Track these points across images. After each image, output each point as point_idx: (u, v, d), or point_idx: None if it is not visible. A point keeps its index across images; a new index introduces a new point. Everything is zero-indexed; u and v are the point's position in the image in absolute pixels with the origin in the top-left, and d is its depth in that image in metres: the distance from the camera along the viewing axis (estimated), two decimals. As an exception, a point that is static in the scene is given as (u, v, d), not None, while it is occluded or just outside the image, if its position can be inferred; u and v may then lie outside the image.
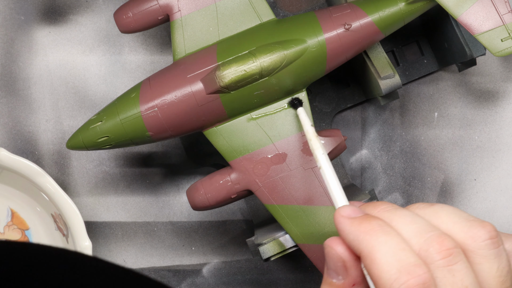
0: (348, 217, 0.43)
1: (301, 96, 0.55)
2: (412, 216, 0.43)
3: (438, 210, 0.44)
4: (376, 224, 0.42)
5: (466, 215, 0.43)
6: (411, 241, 0.42)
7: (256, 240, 0.57)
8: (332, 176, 0.48)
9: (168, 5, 0.55)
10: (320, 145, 0.50)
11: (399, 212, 0.43)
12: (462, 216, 0.43)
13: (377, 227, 0.42)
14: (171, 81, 0.54)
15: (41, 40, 0.64)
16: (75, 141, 0.55)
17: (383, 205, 0.44)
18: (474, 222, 0.43)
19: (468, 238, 0.42)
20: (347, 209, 0.44)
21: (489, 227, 0.42)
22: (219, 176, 0.55)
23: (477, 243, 0.42)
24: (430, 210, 0.44)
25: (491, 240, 0.42)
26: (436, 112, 0.65)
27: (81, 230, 0.59)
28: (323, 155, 0.49)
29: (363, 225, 0.42)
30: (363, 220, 0.43)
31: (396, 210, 0.43)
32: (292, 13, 0.64)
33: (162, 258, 0.65)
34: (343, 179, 0.64)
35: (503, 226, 0.65)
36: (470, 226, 0.42)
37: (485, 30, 0.53)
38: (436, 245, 0.41)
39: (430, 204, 0.44)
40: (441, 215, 0.43)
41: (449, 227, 0.43)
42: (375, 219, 0.43)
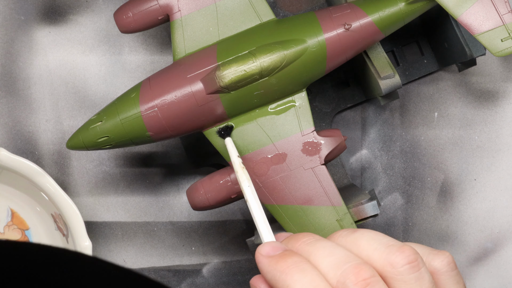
0: (267, 256, 0.44)
1: (301, 96, 0.55)
2: (331, 247, 0.43)
3: (358, 237, 0.44)
4: (291, 262, 0.42)
5: (386, 240, 0.43)
6: (329, 274, 0.42)
7: (256, 240, 0.57)
8: (257, 210, 0.48)
9: (168, 5, 0.55)
10: (246, 177, 0.50)
11: (318, 244, 0.43)
12: (382, 241, 0.43)
13: (292, 265, 0.42)
14: (171, 81, 0.54)
15: (41, 40, 0.64)
16: (75, 141, 0.55)
17: (304, 238, 0.44)
18: (393, 248, 0.42)
19: (387, 264, 0.42)
20: (267, 247, 0.44)
21: (407, 251, 0.42)
22: (219, 176, 0.55)
23: (396, 269, 0.42)
24: (351, 238, 0.44)
25: (410, 265, 0.42)
26: (436, 112, 0.65)
27: (81, 230, 0.59)
28: (248, 187, 0.49)
29: (279, 264, 0.43)
30: (280, 259, 0.43)
31: (317, 242, 0.44)
32: (292, 13, 0.64)
33: (162, 258, 0.65)
34: (343, 179, 0.64)
35: (503, 226, 0.65)
36: (389, 252, 0.42)
37: (485, 30, 0.53)
38: (352, 276, 0.41)
39: (352, 231, 0.44)
40: (361, 243, 0.43)
41: (369, 254, 0.43)
42: (291, 256, 0.43)
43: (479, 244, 0.65)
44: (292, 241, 0.45)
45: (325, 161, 0.55)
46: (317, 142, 0.55)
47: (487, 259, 0.65)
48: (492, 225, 0.65)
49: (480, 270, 0.65)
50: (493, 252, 0.65)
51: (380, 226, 0.65)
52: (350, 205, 0.56)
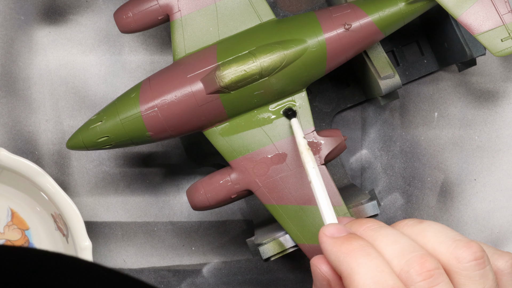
0: (331, 237, 0.43)
1: (301, 96, 0.55)
2: (396, 235, 0.43)
3: (425, 229, 0.43)
4: (357, 245, 0.42)
5: (453, 234, 0.43)
6: (393, 262, 0.42)
7: (256, 240, 0.57)
8: (321, 191, 0.47)
9: (168, 5, 0.55)
10: (311, 158, 0.50)
11: (383, 231, 0.43)
12: (449, 235, 0.43)
13: (357, 248, 0.42)
14: (171, 81, 0.54)
15: (41, 40, 0.64)
16: (75, 141, 0.55)
17: (368, 223, 0.44)
18: (460, 242, 0.42)
19: (452, 258, 0.42)
20: (331, 228, 0.44)
21: (475, 247, 0.42)
22: (219, 176, 0.55)
23: (462, 264, 0.42)
24: (417, 229, 0.43)
25: (476, 261, 0.42)
26: (436, 112, 0.65)
27: (81, 230, 0.59)
28: (313, 169, 0.49)
29: (344, 246, 0.42)
30: (345, 241, 0.43)
31: (381, 228, 0.43)
32: (292, 13, 0.64)
33: (162, 258, 0.65)
34: (343, 179, 0.64)
35: (503, 226, 0.65)
36: (456, 247, 0.42)
37: (485, 30, 0.53)
38: (417, 266, 0.41)
39: (418, 222, 0.44)
40: (427, 234, 0.43)
41: (434, 247, 0.42)
42: (357, 240, 0.42)
43: (479, 244, 0.65)
44: (355, 225, 0.44)
45: (325, 161, 0.55)
46: (317, 142, 0.55)
47: (487, 259, 0.65)
48: (492, 225, 0.65)
49: (480, 270, 0.65)
50: (493, 252, 0.65)
51: (380, 226, 0.65)
52: (350, 205, 0.56)
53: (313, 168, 0.49)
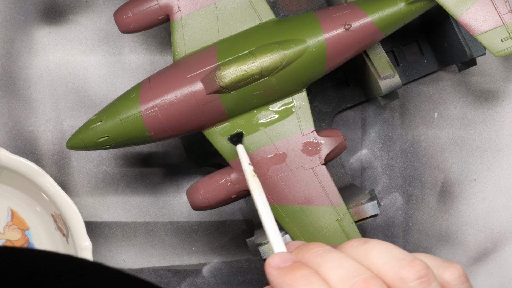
0: (276, 267, 0.43)
1: (301, 96, 0.55)
2: (341, 259, 0.42)
3: (369, 249, 0.43)
4: (300, 275, 0.42)
5: (398, 252, 0.42)
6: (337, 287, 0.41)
7: (256, 240, 0.57)
8: (268, 219, 0.47)
9: (168, 5, 0.55)
10: (257, 186, 0.49)
11: (328, 256, 0.43)
12: (393, 254, 0.42)
13: (300, 278, 0.42)
14: (171, 81, 0.54)
15: (41, 40, 0.64)
16: (75, 141, 0.55)
17: (315, 248, 0.44)
18: (403, 261, 0.42)
19: (396, 279, 0.41)
20: (276, 258, 0.44)
21: (418, 266, 0.41)
22: (219, 176, 0.55)
23: (406, 284, 0.41)
24: (362, 250, 0.43)
25: (420, 280, 0.41)
26: (436, 112, 0.65)
27: (81, 230, 0.59)
28: (259, 196, 0.48)
29: (288, 277, 0.42)
30: (289, 271, 0.42)
31: (326, 253, 0.43)
32: (292, 13, 0.64)
33: (162, 258, 0.65)
34: (343, 179, 0.64)
35: (503, 226, 0.65)
36: (399, 266, 0.41)
37: (485, 30, 0.53)
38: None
39: (363, 242, 0.43)
40: (371, 255, 0.42)
41: (379, 268, 0.42)
42: (300, 269, 0.42)
43: (479, 244, 0.65)
44: (302, 251, 0.44)
45: (325, 161, 0.55)
46: (317, 142, 0.55)
47: (487, 259, 0.65)
48: (492, 225, 0.65)
49: (480, 270, 0.65)
50: (493, 252, 0.65)
51: (380, 226, 0.65)
52: (350, 205, 0.56)
53: (258, 195, 0.48)
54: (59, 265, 0.38)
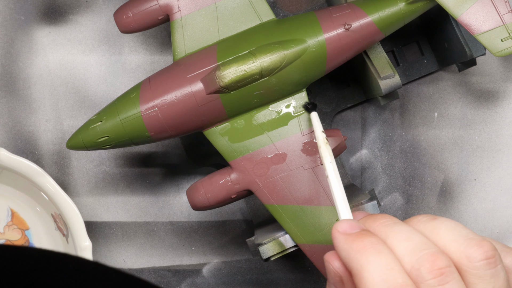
0: (344, 233, 0.43)
1: (301, 96, 0.55)
2: (409, 232, 0.42)
3: (438, 226, 0.43)
4: (368, 242, 0.42)
5: (466, 232, 0.43)
6: (404, 259, 0.41)
7: (256, 240, 0.57)
8: (337, 186, 0.47)
9: (168, 5, 0.55)
10: (329, 153, 0.50)
11: (396, 228, 0.43)
12: (461, 233, 0.43)
13: (368, 245, 0.42)
14: (171, 81, 0.54)
15: (41, 40, 0.64)
16: (75, 141, 0.55)
17: (382, 219, 0.44)
18: (472, 241, 0.42)
19: (463, 257, 0.42)
20: (344, 224, 0.44)
21: (486, 246, 0.42)
22: (219, 176, 0.55)
23: (472, 263, 0.41)
24: (430, 225, 0.43)
25: (487, 261, 0.41)
26: (436, 112, 0.65)
27: (81, 230, 0.59)
28: (330, 163, 0.49)
29: (355, 243, 0.42)
30: (356, 238, 0.42)
31: (394, 225, 0.43)
32: (292, 13, 0.64)
33: (162, 258, 0.65)
34: (343, 179, 0.64)
35: (503, 226, 0.65)
36: (467, 245, 0.42)
37: (485, 30, 0.53)
38: (427, 264, 0.41)
39: (432, 218, 0.44)
40: (440, 232, 0.43)
41: (446, 244, 0.42)
42: (368, 237, 0.42)
43: (479, 244, 0.65)
44: (369, 221, 0.44)
45: (325, 161, 0.55)
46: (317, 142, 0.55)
47: (487, 259, 0.65)
48: (492, 225, 0.65)
49: (480, 270, 0.65)
50: (493, 252, 0.65)
51: (380, 226, 0.65)
52: (350, 205, 0.56)
53: (330, 163, 0.49)
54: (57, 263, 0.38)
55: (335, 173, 0.48)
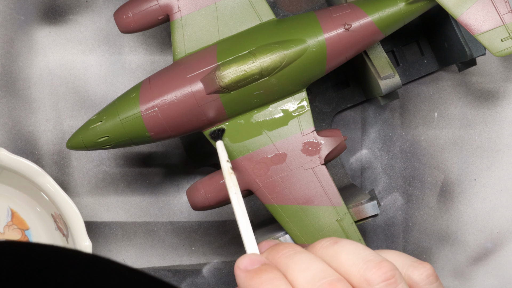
0: (244, 270, 0.43)
1: (301, 96, 0.55)
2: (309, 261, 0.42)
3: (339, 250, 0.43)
4: (266, 278, 0.42)
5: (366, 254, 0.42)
6: None
7: (256, 240, 0.57)
8: (242, 218, 0.47)
9: (168, 5, 0.55)
10: (233, 183, 0.49)
11: (297, 258, 0.43)
12: (361, 256, 0.42)
13: (265, 282, 0.41)
14: (171, 81, 0.54)
15: (41, 40, 0.64)
16: (75, 141, 0.55)
17: (285, 250, 0.44)
18: (371, 263, 0.41)
19: (363, 281, 0.41)
20: (245, 260, 0.44)
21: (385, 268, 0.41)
22: (219, 176, 0.55)
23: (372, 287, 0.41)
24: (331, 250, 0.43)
25: (386, 282, 0.41)
26: (436, 112, 0.65)
27: (81, 230, 0.59)
28: (235, 194, 0.48)
29: (254, 280, 0.42)
30: (255, 275, 0.42)
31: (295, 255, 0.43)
32: (292, 13, 0.64)
33: (162, 258, 0.65)
34: (343, 179, 0.64)
35: (503, 226, 0.65)
36: (366, 268, 0.41)
37: (485, 30, 0.53)
38: None
39: (333, 242, 0.43)
40: (340, 256, 0.42)
41: (346, 269, 0.42)
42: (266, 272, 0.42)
43: (479, 244, 0.65)
44: (273, 252, 0.44)
45: (325, 161, 0.55)
46: (317, 142, 0.55)
47: (487, 259, 0.65)
48: (492, 225, 0.65)
49: (480, 270, 0.65)
50: (493, 252, 0.65)
51: (380, 226, 0.65)
52: (350, 205, 0.56)
53: (234, 194, 0.48)
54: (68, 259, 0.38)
55: (239, 205, 0.48)
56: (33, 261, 0.37)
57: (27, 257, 0.37)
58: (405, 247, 0.65)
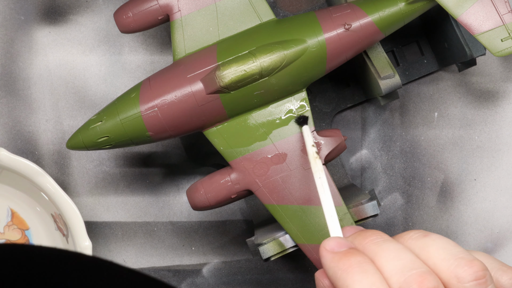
0: (331, 251, 0.43)
1: (301, 96, 0.55)
2: (398, 250, 0.42)
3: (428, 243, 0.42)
4: (355, 261, 0.41)
5: (457, 250, 0.42)
6: (392, 279, 0.41)
7: (256, 240, 0.57)
8: (328, 202, 0.47)
9: (168, 5, 0.55)
10: (318, 168, 0.49)
11: (385, 246, 0.42)
12: (452, 252, 0.42)
13: (354, 265, 0.41)
14: (171, 81, 0.54)
15: (41, 40, 0.64)
16: (75, 141, 0.55)
17: (372, 236, 0.43)
18: (462, 260, 0.41)
19: (453, 277, 0.41)
20: (332, 242, 0.43)
21: (476, 267, 0.41)
22: (219, 176, 0.55)
23: (462, 284, 0.41)
24: (421, 243, 0.43)
25: (477, 282, 0.41)
26: (436, 112, 0.65)
27: (81, 230, 0.59)
28: (319, 179, 0.48)
29: (342, 262, 0.42)
30: (343, 256, 0.42)
31: (384, 242, 0.43)
32: (292, 13, 0.64)
33: (162, 258, 0.65)
34: (343, 179, 0.64)
35: (503, 226, 0.65)
36: (457, 265, 0.41)
37: (485, 30, 0.53)
38: (415, 285, 0.40)
39: (423, 235, 0.43)
40: (430, 250, 0.42)
41: (436, 263, 0.42)
42: (355, 255, 0.42)
43: (479, 244, 0.65)
44: (359, 237, 0.44)
45: (325, 161, 0.55)
46: (317, 142, 0.55)
47: (487, 259, 0.65)
48: (492, 225, 0.65)
49: (480, 270, 0.65)
50: (493, 252, 0.65)
51: (380, 226, 0.65)
52: (350, 205, 0.56)
53: (319, 179, 0.48)
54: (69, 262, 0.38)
55: (324, 189, 0.47)
56: (34, 264, 0.37)
57: (28, 260, 0.37)
58: (405, 247, 0.65)
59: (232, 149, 0.55)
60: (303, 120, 0.55)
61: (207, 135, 0.56)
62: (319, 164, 0.49)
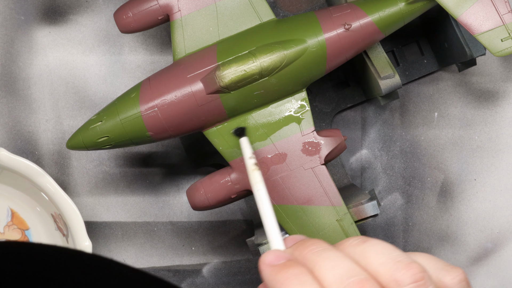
0: (269, 265, 0.43)
1: (301, 96, 0.55)
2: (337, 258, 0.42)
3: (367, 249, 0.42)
4: (292, 274, 0.41)
5: (396, 254, 0.42)
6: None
7: (256, 240, 0.57)
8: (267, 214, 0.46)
9: (168, 5, 0.55)
10: (257, 180, 0.48)
11: (325, 255, 0.42)
12: (391, 256, 0.41)
13: (291, 277, 0.41)
14: (171, 81, 0.54)
15: (41, 40, 0.64)
16: (75, 141, 0.55)
17: (312, 246, 0.43)
18: (400, 264, 0.41)
19: (392, 281, 0.41)
20: (270, 255, 0.43)
21: (414, 269, 0.41)
22: (219, 176, 0.55)
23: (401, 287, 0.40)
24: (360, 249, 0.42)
25: (416, 284, 0.40)
26: (436, 112, 0.65)
27: (81, 230, 0.59)
28: (259, 190, 0.48)
29: (279, 275, 0.42)
30: (281, 269, 0.42)
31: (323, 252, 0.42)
32: (292, 13, 0.64)
33: (162, 258, 0.65)
34: (343, 179, 0.64)
35: (503, 226, 0.65)
36: (396, 269, 0.41)
37: (485, 30, 0.53)
38: None
39: (362, 241, 0.43)
40: (369, 255, 0.42)
41: (375, 269, 0.41)
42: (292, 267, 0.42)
43: (479, 244, 0.65)
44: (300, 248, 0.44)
45: (325, 161, 0.55)
46: (317, 142, 0.55)
47: (487, 259, 0.65)
48: (492, 225, 0.65)
49: (480, 270, 0.65)
50: (493, 252, 0.65)
51: (380, 226, 0.65)
52: (350, 205, 0.56)
53: (258, 190, 0.48)
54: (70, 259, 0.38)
55: (264, 201, 0.47)
56: (35, 261, 0.37)
57: (29, 257, 0.37)
58: (405, 247, 0.65)
59: (232, 149, 0.55)
60: (240, 132, 0.54)
61: (207, 135, 0.56)
62: (257, 176, 0.49)
